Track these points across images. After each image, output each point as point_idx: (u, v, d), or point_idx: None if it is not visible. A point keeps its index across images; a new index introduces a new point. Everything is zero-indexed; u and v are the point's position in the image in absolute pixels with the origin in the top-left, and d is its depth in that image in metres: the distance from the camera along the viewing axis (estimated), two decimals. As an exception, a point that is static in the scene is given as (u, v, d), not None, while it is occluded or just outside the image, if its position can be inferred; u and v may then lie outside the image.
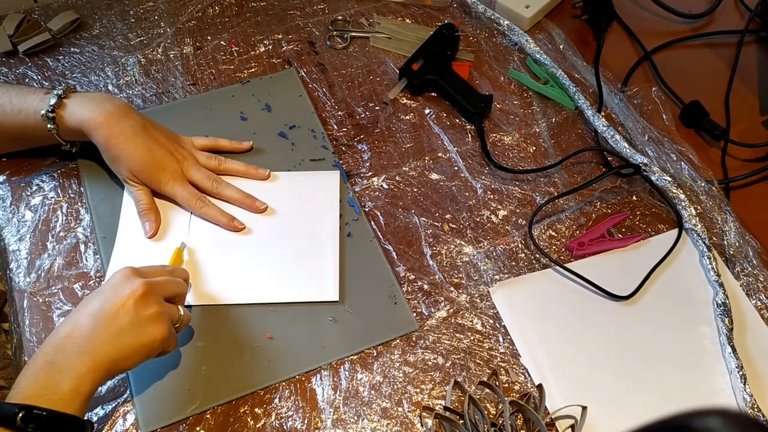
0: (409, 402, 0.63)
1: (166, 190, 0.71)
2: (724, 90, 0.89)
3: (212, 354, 0.64)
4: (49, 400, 0.50)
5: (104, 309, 0.54)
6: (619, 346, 0.67)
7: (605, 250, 0.73)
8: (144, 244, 0.70)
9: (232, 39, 0.89)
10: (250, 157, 0.78)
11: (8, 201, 0.74)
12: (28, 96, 0.69)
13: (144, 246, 0.70)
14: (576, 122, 0.84)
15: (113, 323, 0.54)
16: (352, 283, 0.69)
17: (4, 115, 0.69)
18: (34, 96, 0.69)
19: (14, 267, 0.69)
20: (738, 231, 0.75)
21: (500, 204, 0.76)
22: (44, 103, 0.68)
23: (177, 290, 0.61)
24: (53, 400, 0.50)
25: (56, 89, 0.69)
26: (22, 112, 0.68)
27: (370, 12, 0.93)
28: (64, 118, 0.68)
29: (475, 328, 0.67)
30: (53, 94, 0.68)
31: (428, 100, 0.85)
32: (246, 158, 0.77)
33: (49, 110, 0.67)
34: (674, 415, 0.33)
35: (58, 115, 0.68)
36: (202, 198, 0.72)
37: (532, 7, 0.92)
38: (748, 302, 0.70)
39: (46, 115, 0.67)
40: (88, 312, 0.54)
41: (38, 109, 0.68)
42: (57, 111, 0.68)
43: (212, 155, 0.75)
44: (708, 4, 0.98)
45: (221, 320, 0.66)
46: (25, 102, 0.69)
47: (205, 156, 0.75)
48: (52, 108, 0.67)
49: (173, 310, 0.59)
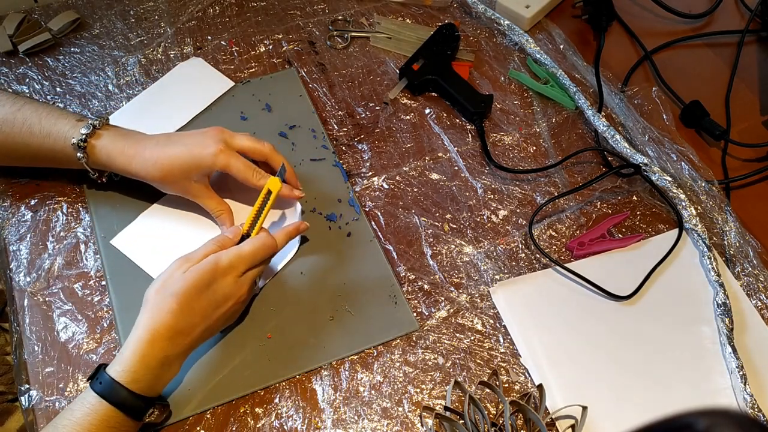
0: (410, 402, 0.63)
1: (220, 163, 0.66)
2: (724, 90, 0.89)
3: (212, 354, 0.64)
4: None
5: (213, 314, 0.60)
6: (620, 346, 0.67)
7: (605, 250, 0.73)
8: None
9: (232, 39, 0.89)
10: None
11: (8, 201, 0.74)
12: (59, 120, 0.67)
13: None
14: (576, 122, 0.84)
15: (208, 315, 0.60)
16: (352, 282, 0.69)
17: (32, 137, 0.67)
18: (66, 121, 0.67)
19: (14, 266, 0.69)
20: (738, 231, 0.75)
21: (500, 204, 0.76)
22: (76, 131, 0.66)
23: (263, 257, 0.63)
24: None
25: (90, 119, 0.67)
26: (51, 136, 0.67)
27: (370, 12, 0.93)
28: (95, 147, 0.67)
29: (476, 328, 0.67)
30: (87, 124, 0.67)
31: (428, 100, 0.85)
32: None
33: (81, 139, 0.66)
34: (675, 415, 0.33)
35: (90, 145, 0.66)
36: (256, 169, 0.68)
37: (532, 7, 0.92)
38: (749, 302, 0.70)
39: (77, 144, 0.66)
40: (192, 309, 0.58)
41: (69, 135, 0.66)
42: (89, 140, 0.66)
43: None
44: (708, 4, 0.98)
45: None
46: (56, 126, 0.67)
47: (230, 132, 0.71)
48: (84, 137, 0.66)
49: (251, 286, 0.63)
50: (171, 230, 0.72)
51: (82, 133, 0.66)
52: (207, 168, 0.67)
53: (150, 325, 0.56)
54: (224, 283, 0.60)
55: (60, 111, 0.69)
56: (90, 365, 0.63)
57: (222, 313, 0.60)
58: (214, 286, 0.59)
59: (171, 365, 0.58)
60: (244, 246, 0.62)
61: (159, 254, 0.70)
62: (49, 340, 0.65)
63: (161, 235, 0.71)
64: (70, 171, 0.75)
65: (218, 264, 0.59)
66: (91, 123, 0.67)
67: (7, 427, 0.98)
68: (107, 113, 0.80)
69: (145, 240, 0.71)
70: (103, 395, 0.54)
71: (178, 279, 0.58)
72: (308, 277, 0.69)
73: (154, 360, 0.56)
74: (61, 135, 0.67)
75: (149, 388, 0.56)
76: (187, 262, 0.60)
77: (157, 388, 0.58)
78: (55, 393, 0.62)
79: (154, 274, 0.69)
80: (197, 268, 0.59)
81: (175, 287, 0.58)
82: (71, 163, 0.69)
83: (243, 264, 0.61)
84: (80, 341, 0.65)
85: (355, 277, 0.70)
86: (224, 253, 0.61)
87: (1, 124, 0.67)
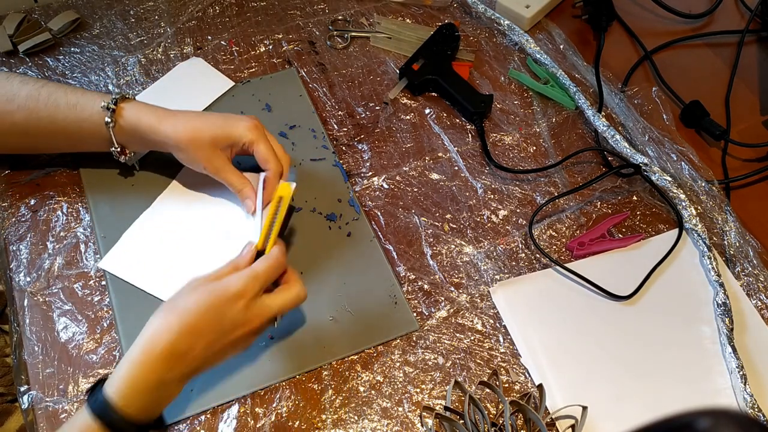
0: (410, 402, 0.63)
1: (250, 137, 0.66)
2: (724, 90, 0.89)
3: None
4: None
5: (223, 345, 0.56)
6: (620, 346, 0.67)
7: (605, 250, 0.73)
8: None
9: (232, 39, 0.89)
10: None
11: (8, 201, 0.73)
12: (86, 93, 0.68)
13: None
14: (576, 122, 0.84)
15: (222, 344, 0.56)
16: (352, 282, 0.69)
17: (57, 110, 0.66)
18: (93, 93, 0.68)
19: (14, 266, 0.69)
20: (738, 231, 0.75)
21: (500, 204, 0.76)
22: (106, 97, 0.66)
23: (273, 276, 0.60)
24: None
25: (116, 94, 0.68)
26: (79, 106, 0.66)
27: (370, 12, 0.93)
28: (125, 110, 0.66)
29: (476, 327, 0.67)
30: (115, 92, 0.67)
31: (428, 100, 0.85)
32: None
33: (111, 101, 0.66)
34: (675, 415, 0.33)
35: (119, 107, 0.66)
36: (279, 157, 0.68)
37: (532, 7, 0.92)
38: (749, 302, 0.70)
39: (107, 105, 0.65)
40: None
41: (97, 102, 0.66)
42: (119, 103, 0.66)
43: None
44: (708, 3, 0.98)
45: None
46: (83, 96, 0.67)
47: None
48: (115, 100, 0.66)
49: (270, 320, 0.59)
50: (162, 241, 0.71)
51: (112, 97, 0.66)
52: (237, 138, 0.66)
53: (145, 345, 0.53)
54: (234, 309, 0.55)
55: (84, 88, 0.70)
56: (90, 366, 0.63)
57: (229, 341, 0.56)
58: (223, 310, 0.55)
59: (168, 389, 0.54)
60: (258, 266, 0.58)
61: (154, 270, 0.68)
62: (49, 340, 0.65)
63: (153, 249, 0.70)
64: (70, 171, 0.75)
65: (228, 288, 0.56)
66: (119, 93, 0.67)
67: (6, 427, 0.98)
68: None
69: (136, 257, 0.69)
70: (97, 414, 0.51)
71: (185, 298, 0.55)
72: (308, 277, 0.69)
73: (147, 383, 0.52)
74: (89, 103, 0.67)
75: (143, 411, 0.53)
76: (199, 282, 0.57)
77: (153, 412, 0.54)
78: (56, 394, 0.62)
79: (153, 292, 0.67)
80: (206, 288, 0.56)
81: (179, 305, 0.55)
82: (96, 137, 0.68)
83: (256, 285, 0.57)
84: (80, 341, 0.65)
85: (355, 277, 0.70)
86: (235, 276, 0.57)
87: (26, 100, 0.67)
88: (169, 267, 0.69)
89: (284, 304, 0.59)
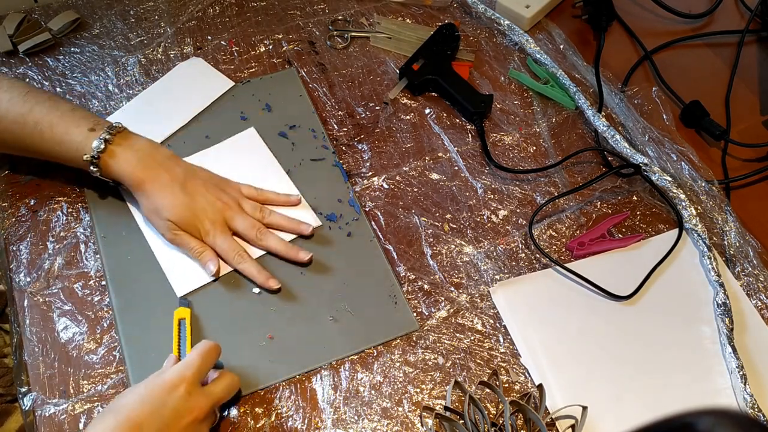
0: (410, 402, 0.63)
1: (207, 240, 0.69)
2: (724, 90, 0.89)
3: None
4: None
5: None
6: (620, 346, 0.67)
7: (605, 250, 0.73)
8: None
9: (232, 39, 0.89)
10: (251, 156, 0.78)
11: (8, 201, 0.73)
12: (69, 128, 0.66)
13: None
14: (576, 122, 0.84)
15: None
16: (352, 282, 0.69)
17: (42, 142, 0.67)
18: (78, 131, 0.66)
19: (14, 267, 0.69)
20: (738, 231, 0.75)
21: (500, 204, 0.76)
22: (88, 145, 0.66)
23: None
24: None
25: (102, 131, 0.66)
26: (63, 145, 0.67)
27: (370, 12, 0.93)
28: (108, 164, 0.67)
29: (476, 327, 0.67)
30: (99, 137, 0.66)
31: (428, 100, 0.85)
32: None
33: (94, 156, 0.66)
34: (675, 415, 0.33)
35: (103, 160, 0.66)
36: (240, 253, 0.68)
37: (532, 7, 0.92)
38: (749, 302, 0.70)
39: (90, 160, 0.66)
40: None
41: (81, 149, 0.66)
42: (102, 156, 0.66)
43: (258, 206, 0.72)
44: (708, 3, 0.98)
45: (221, 320, 0.66)
46: (67, 135, 0.66)
47: (251, 206, 0.71)
48: (97, 154, 0.66)
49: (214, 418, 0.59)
50: None
51: (94, 148, 0.66)
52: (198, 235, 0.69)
53: None
54: (174, 397, 0.54)
55: (71, 116, 0.67)
56: (90, 366, 0.63)
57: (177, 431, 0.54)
58: (163, 399, 0.54)
59: None
60: (189, 356, 0.58)
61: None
62: (49, 341, 0.65)
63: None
64: (70, 171, 0.75)
65: (164, 378, 0.55)
66: (104, 137, 0.66)
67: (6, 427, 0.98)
68: (107, 113, 0.80)
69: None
70: None
71: (125, 395, 0.54)
72: (308, 277, 0.69)
73: None
74: (73, 146, 0.66)
75: None
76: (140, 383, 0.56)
77: None
78: (56, 395, 0.62)
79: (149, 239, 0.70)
80: (144, 382, 0.55)
81: (119, 403, 0.54)
82: (82, 168, 0.68)
83: (191, 370, 0.56)
84: (80, 342, 0.65)
85: (355, 277, 0.70)
86: (170, 368, 0.56)
87: (11, 124, 0.66)
88: None
89: (224, 391, 0.58)
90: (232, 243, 0.69)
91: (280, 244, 0.70)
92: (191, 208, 0.68)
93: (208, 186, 0.70)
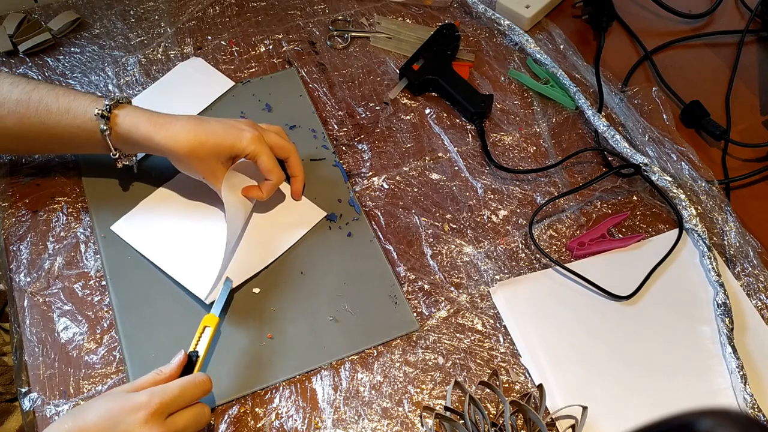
0: (410, 402, 0.63)
1: (252, 149, 0.66)
2: (724, 90, 0.89)
3: (212, 354, 0.64)
4: None
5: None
6: (620, 346, 0.67)
7: (606, 250, 0.73)
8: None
9: (232, 39, 0.89)
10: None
11: (8, 201, 0.73)
12: (77, 97, 0.65)
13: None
14: (576, 122, 0.84)
15: None
16: (352, 283, 0.69)
17: (49, 115, 0.65)
18: (85, 97, 0.66)
19: (14, 267, 0.69)
20: (738, 231, 0.75)
21: (501, 204, 0.76)
22: (99, 103, 0.65)
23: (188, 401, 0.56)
24: None
25: (111, 97, 0.65)
26: (71, 112, 0.65)
27: (370, 12, 0.93)
28: (119, 117, 0.64)
29: (476, 328, 0.67)
30: (108, 98, 0.65)
31: (428, 100, 0.85)
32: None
33: (105, 108, 0.64)
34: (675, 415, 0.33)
35: (113, 115, 0.64)
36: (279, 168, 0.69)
37: (532, 7, 0.92)
38: (749, 302, 0.70)
39: (100, 113, 0.63)
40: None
41: (90, 109, 0.64)
42: (113, 110, 0.64)
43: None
44: (708, 3, 0.98)
45: (221, 320, 0.66)
46: (75, 101, 0.65)
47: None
48: (108, 107, 0.64)
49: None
50: (173, 216, 0.72)
51: (105, 103, 0.64)
52: (239, 150, 0.66)
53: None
54: (130, 420, 0.51)
55: (76, 90, 0.67)
56: (90, 366, 0.63)
57: None
58: (119, 418, 0.51)
59: None
60: (173, 383, 0.55)
61: (160, 240, 0.70)
62: (49, 341, 0.65)
63: (163, 222, 0.71)
64: (70, 171, 0.75)
65: (132, 398, 0.53)
66: (111, 99, 0.65)
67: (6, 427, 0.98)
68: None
69: (147, 227, 0.71)
70: None
71: (91, 402, 0.53)
72: (308, 277, 0.69)
73: None
74: (81, 109, 0.65)
75: None
76: (116, 389, 0.55)
77: None
78: (57, 395, 0.62)
79: (155, 260, 0.69)
80: (113, 394, 0.54)
81: (81, 409, 0.53)
82: (91, 142, 0.66)
83: (160, 398, 0.53)
84: (80, 342, 0.65)
85: (355, 278, 0.70)
86: (147, 390, 0.54)
87: (16, 105, 0.65)
88: (175, 241, 0.70)
89: (187, 424, 0.55)
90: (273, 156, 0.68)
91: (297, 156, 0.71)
92: (224, 125, 0.66)
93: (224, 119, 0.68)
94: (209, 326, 0.63)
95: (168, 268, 0.68)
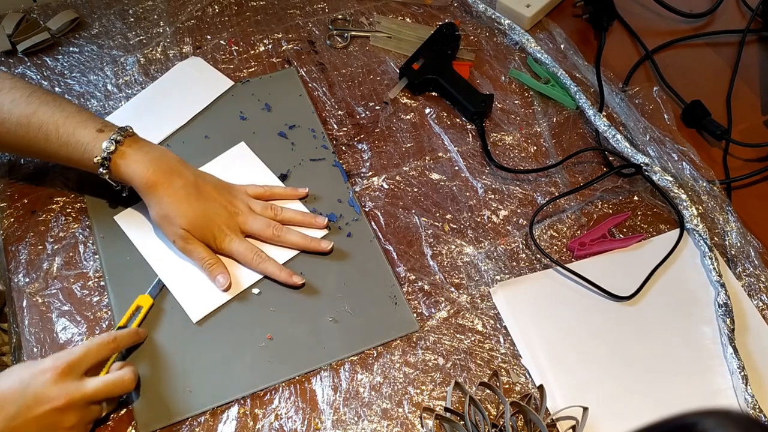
0: (410, 403, 0.63)
1: (224, 247, 0.68)
2: (725, 90, 0.88)
3: (212, 355, 0.64)
4: None
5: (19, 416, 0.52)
6: (621, 346, 0.67)
7: (606, 250, 0.73)
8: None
9: (231, 38, 0.89)
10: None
11: (7, 201, 0.73)
12: (77, 129, 0.65)
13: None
14: (577, 122, 0.84)
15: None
16: (352, 283, 0.69)
17: (48, 143, 0.65)
18: (85, 132, 0.65)
19: (13, 267, 0.69)
20: (739, 231, 0.74)
21: (501, 204, 0.76)
22: (98, 146, 0.64)
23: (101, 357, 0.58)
24: None
25: (113, 133, 0.65)
26: (69, 146, 0.65)
27: (370, 11, 0.93)
28: (119, 165, 0.65)
29: (476, 328, 0.67)
30: (110, 138, 0.64)
31: (428, 99, 0.85)
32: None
33: (105, 156, 0.64)
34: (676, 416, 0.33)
35: (113, 162, 0.64)
36: (259, 253, 0.68)
37: (532, 7, 0.92)
38: (750, 303, 0.70)
39: (101, 161, 0.64)
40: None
41: (89, 150, 0.64)
42: (112, 157, 0.64)
43: (268, 204, 0.71)
44: (709, 3, 0.98)
45: (221, 321, 0.66)
46: (74, 136, 0.64)
47: (261, 205, 0.71)
48: (108, 155, 0.64)
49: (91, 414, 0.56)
50: None
51: (104, 149, 0.64)
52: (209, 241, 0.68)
53: None
54: (38, 381, 0.53)
55: (78, 117, 0.66)
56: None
57: (33, 416, 0.52)
58: (27, 381, 0.53)
59: None
60: (82, 344, 0.57)
61: (156, 239, 0.70)
62: (48, 341, 0.64)
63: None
64: (69, 171, 0.75)
65: (41, 361, 0.54)
66: (114, 138, 0.64)
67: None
68: (106, 113, 0.80)
69: (148, 224, 0.71)
70: None
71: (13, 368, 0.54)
72: (308, 278, 0.69)
73: None
74: (80, 147, 0.65)
75: None
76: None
77: None
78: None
79: (148, 258, 0.69)
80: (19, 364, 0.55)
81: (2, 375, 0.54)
82: (89, 169, 0.67)
83: (66, 358, 0.54)
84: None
85: (355, 278, 0.69)
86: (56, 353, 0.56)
87: (16, 127, 0.65)
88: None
89: (103, 387, 0.55)
90: (249, 245, 0.68)
91: (300, 237, 0.70)
92: (205, 214, 0.67)
93: (219, 190, 0.69)
94: (142, 306, 0.65)
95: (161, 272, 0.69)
